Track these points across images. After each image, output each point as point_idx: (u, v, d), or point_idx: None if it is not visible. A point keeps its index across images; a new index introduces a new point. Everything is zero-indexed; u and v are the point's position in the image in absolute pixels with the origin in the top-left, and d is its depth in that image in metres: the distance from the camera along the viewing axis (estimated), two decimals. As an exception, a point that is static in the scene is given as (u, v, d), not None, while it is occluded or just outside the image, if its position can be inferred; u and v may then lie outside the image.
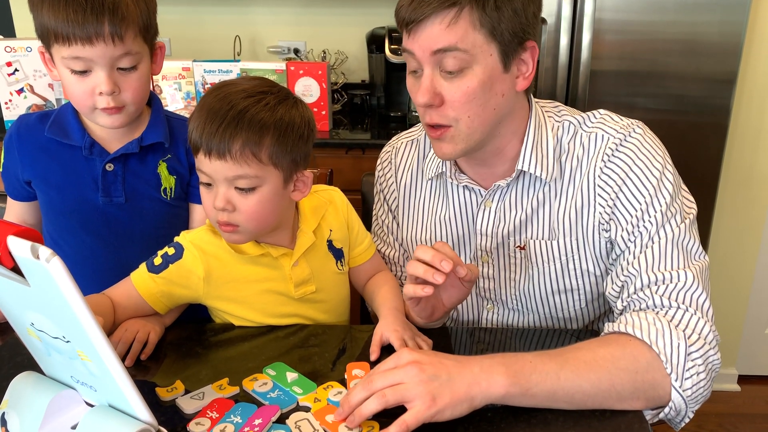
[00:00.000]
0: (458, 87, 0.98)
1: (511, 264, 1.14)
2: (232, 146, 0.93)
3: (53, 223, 1.19)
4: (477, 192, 1.14)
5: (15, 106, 2.15)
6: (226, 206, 0.97)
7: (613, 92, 2.01)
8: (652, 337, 0.90)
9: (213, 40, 2.55)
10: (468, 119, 1.00)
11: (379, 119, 2.48)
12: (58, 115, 1.16)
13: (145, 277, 1.04)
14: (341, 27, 2.56)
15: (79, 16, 0.99)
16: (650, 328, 0.91)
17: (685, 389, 0.89)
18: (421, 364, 0.82)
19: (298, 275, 1.09)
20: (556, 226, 1.09)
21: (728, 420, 2.35)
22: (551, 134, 1.09)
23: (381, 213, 1.31)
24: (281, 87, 1.02)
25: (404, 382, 0.80)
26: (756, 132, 2.23)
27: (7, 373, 0.91)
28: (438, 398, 0.79)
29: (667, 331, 0.91)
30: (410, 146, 1.26)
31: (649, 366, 0.89)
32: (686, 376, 0.89)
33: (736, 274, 2.39)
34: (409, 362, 0.82)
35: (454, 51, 0.95)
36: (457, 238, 1.18)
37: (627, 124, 1.07)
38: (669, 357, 0.89)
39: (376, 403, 0.79)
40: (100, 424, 0.72)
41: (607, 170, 1.05)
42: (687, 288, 0.96)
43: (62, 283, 0.63)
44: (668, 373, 0.89)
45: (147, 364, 1.00)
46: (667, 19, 1.92)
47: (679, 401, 0.89)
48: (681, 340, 0.90)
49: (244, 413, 0.85)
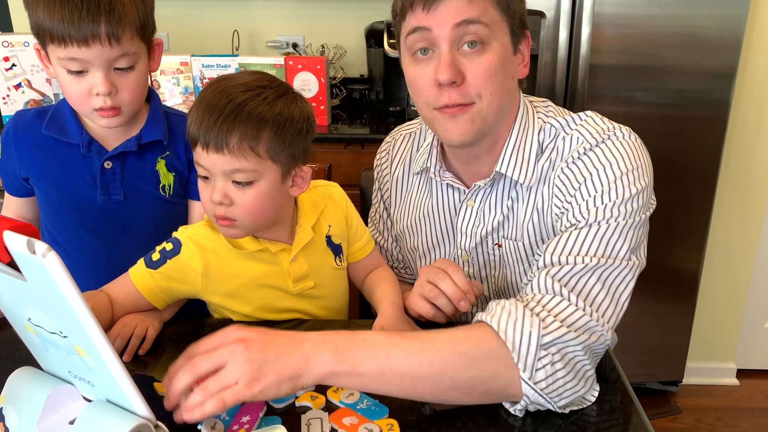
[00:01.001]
0: (480, 62, 0.96)
1: (489, 261, 1.13)
2: (229, 140, 0.93)
3: (51, 221, 1.19)
4: (460, 191, 1.14)
5: (13, 101, 2.14)
6: (224, 200, 0.97)
7: (612, 86, 2.01)
8: (502, 324, 0.83)
9: (211, 34, 2.54)
10: (490, 96, 0.98)
11: (377, 114, 2.48)
12: (55, 111, 1.15)
13: (143, 273, 1.04)
14: (340, 21, 2.55)
15: (74, 17, 0.98)
16: (503, 313, 0.85)
17: (538, 381, 0.82)
18: (247, 341, 0.77)
19: (296, 271, 1.09)
20: (524, 226, 1.07)
21: (727, 414, 2.35)
22: (535, 138, 1.06)
23: (376, 203, 1.32)
24: (281, 82, 1.02)
25: (228, 362, 0.76)
26: (755, 126, 2.23)
27: (4, 368, 0.91)
28: (261, 378, 0.75)
29: (521, 318, 0.83)
30: (407, 139, 1.26)
31: (491, 354, 0.82)
32: (537, 367, 0.82)
33: (735, 268, 2.39)
34: (236, 340, 0.77)
35: (477, 24, 0.94)
36: (440, 233, 1.18)
37: (607, 128, 1.01)
38: (517, 346, 0.82)
39: (200, 396, 0.76)
40: (98, 419, 0.72)
41: (567, 171, 1.01)
42: (582, 274, 0.89)
43: (59, 278, 0.63)
44: (515, 362, 0.82)
45: (145, 359, 1.00)
46: (666, 13, 1.92)
47: (534, 396, 0.82)
48: (534, 328, 0.83)
49: (229, 412, 0.84)
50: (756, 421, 2.33)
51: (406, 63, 1.03)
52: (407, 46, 1.00)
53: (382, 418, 0.84)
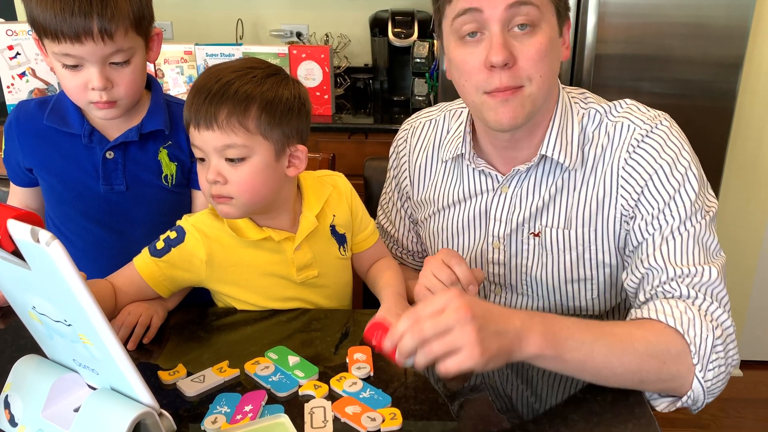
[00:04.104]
0: (531, 44, 0.96)
1: (524, 250, 1.13)
2: (218, 115, 0.95)
3: (55, 210, 1.19)
4: (493, 177, 1.13)
5: (17, 90, 2.14)
6: (218, 178, 0.97)
7: (618, 76, 1.99)
8: (684, 326, 0.89)
9: (215, 23, 2.53)
10: (540, 79, 0.98)
11: (382, 103, 2.47)
12: (57, 101, 1.15)
13: (147, 261, 1.04)
14: (344, 10, 2.54)
15: (66, 13, 0.97)
16: (682, 316, 0.90)
17: (707, 380, 0.89)
18: (473, 309, 0.77)
19: (300, 259, 1.09)
20: (573, 215, 1.08)
21: (730, 405, 2.35)
22: (576, 121, 1.08)
23: (390, 191, 1.31)
24: (273, 65, 1.03)
25: (453, 328, 0.76)
26: (762, 116, 2.22)
27: (10, 356, 0.91)
28: (486, 350, 0.76)
29: (698, 320, 0.90)
30: (429, 126, 1.24)
31: (678, 357, 0.88)
32: (710, 368, 0.89)
33: (741, 258, 2.38)
34: (461, 306, 0.77)
35: (529, 5, 0.94)
36: (468, 221, 1.17)
37: (654, 116, 1.05)
38: (698, 347, 0.89)
39: (424, 360, 0.77)
40: (103, 407, 0.73)
41: (632, 161, 1.03)
42: (711, 283, 0.95)
43: (63, 267, 0.63)
44: (694, 363, 0.88)
45: (150, 347, 1.00)
46: (673, 3, 1.90)
47: (698, 390, 0.89)
48: (710, 332, 0.90)
49: (230, 402, 0.85)
50: (759, 412, 2.33)
51: (451, 47, 1.02)
52: (454, 29, 0.99)
53: (384, 407, 0.84)
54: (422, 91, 2.28)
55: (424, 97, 2.29)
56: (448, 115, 1.22)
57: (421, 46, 2.25)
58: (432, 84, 2.27)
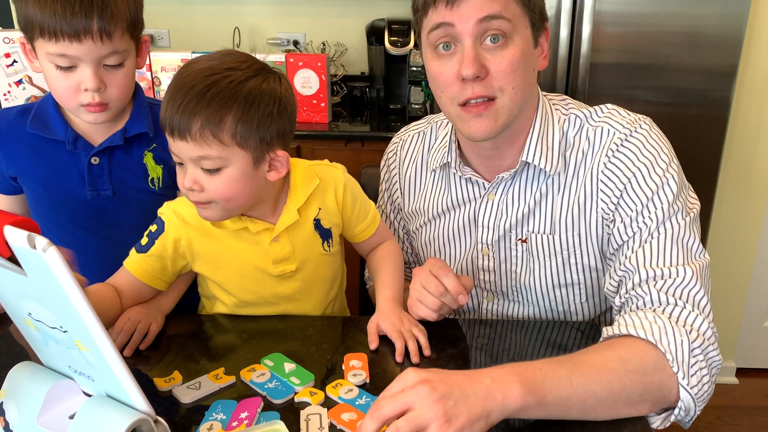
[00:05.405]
0: (503, 57, 0.98)
1: (512, 256, 1.14)
2: (191, 127, 0.92)
3: (41, 218, 1.18)
4: (480, 185, 1.14)
5: (14, 98, 2.14)
6: (194, 186, 0.96)
7: (613, 85, 2.00)
8: (656, 336, 0.88)
9: (212, 31, 2.54)
10: (512, 90, 1.00)
11: (378, 111, 2.47)
12: (39, 108, 1.14)
13: (136, 260, 1.05)
14: (341, 19, 2.55)
15: (67, 12, 0.97)
16: (652, 326, 0.89)
17: (692, 386, 0.87)
18: (431, 382, 0.74)
19: (277, 252, 1.07)
20: (557, 220, 1.09)
21: (726, 412, 2.35)
22: (557, 127, 1.09)
23: (383, 204, 1.32)
24: (254, 62, 0.99)
25: (415, 405, 0.72)
26: (756, 125, 2.23)
27: (5, 363, 0.91)
28: (454, 418, 0.72)
29: (669, 328, 0.89)
30: (417, 138, 1.26)
31: (656, 366, 0.86)
32: (692, 373, 0.87)
33: (735, 266, 2.39)
34: (418, 382, 0.74)
35: (500, 19, 0.96)
36: (457, 229, 1.18)
37: (634, 120, 1.07)
38: (674, 355, 0.87)
39: None
40: (98, 413, 0.72)
41: (611, 165, 1.04)
42: (685, 285, 0.95)
43: (59, 273, 0.63)
44: (675, 371, 0.87)
45: (146, 354, 1.00)
46: (667, 11, 1.92)
47: (687, 400, 0.87)
48: (683, 337, 0.88)
49: (226, 409, 0.85)
50: (755, 420, 2.33)
51: (428, 58, 1.04)
52: (429, 42, 1.01)
53: None
54: (418, 100, 2.29)
55: (420, 105, 2.30)
56: (435, 126, 1.24)
57: (417, 55, 2.26)
58: (428, 92, 2.28)
